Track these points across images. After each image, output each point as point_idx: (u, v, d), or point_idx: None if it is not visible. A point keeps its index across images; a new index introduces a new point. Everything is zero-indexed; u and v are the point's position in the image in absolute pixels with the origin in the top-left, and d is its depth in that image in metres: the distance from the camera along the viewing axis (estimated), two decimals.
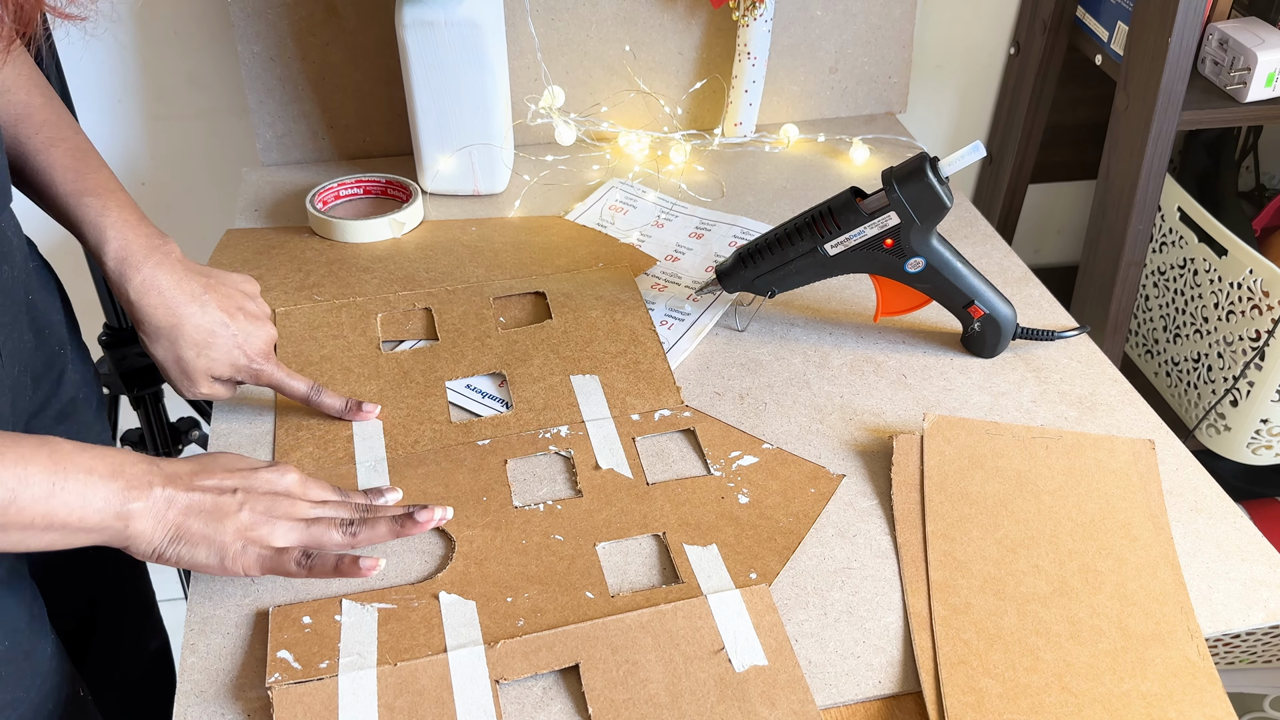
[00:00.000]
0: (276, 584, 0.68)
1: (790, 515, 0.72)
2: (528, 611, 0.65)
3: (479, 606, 0.66)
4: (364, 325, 0.88)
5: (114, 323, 1.12)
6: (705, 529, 0.71)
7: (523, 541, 0.70)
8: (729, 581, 0.67)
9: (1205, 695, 0.61)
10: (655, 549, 0.70)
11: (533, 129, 1.15)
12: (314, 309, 0.89)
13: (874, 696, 0.62)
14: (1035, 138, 1.32)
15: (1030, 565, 0.68)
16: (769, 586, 0.67)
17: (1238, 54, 1.06)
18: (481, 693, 0.60)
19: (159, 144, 1.21)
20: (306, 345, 0.86)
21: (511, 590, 0.67)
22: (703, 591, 0.66)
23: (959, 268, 0.83)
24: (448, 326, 0.88)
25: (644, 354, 0.85)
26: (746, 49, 1.11)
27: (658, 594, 0.67)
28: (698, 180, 1.11)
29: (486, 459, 0.77)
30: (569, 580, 0.67)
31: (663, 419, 0.80)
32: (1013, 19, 1.31)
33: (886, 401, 0.83)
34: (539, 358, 0.85)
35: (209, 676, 0.62)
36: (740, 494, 0.74)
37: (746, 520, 0.72)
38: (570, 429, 0.79)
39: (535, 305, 0.92)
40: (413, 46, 0.96)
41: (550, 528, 0.71)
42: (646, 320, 0.88)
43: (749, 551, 0.70)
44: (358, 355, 0.85)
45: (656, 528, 0.71)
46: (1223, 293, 1.16)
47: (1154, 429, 0.81)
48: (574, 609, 0.65)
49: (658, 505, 0.73)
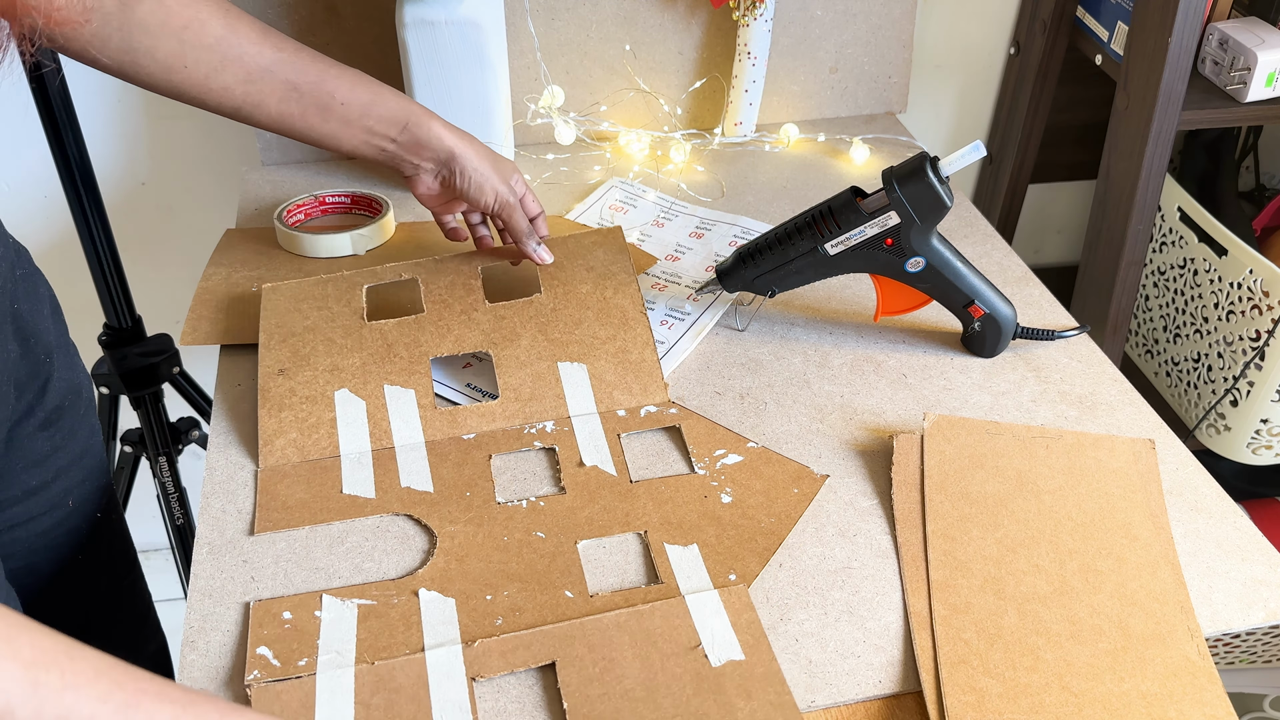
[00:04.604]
0: (277, 582, 0.68)
1: (772, 516, 0.72)
2: (506, 610, 0.65)
3: (458, 604, 0.66)
4: (349, 297, 0.85)
5: (114, 323, 1.12)
6: (687, 528, 0.71)
7: (504, 538, 0.70)
8: (708, 582, 0.67)
9: (1205, 695, 0.61)
10: (637, 547, 0.71)
11: (533, 129, 1.15)
12: (300, 283, 0.87)
13: (874, 696, 0.62)
14: (1035, 138, 1.32)
15: (1030, 565, 0.68)
16: (748, 587, 0.67)
17: (1238, 54, 1.06)
18: (458, 690, 0.61)
19: (159, 144, 1.21)
20: (290, 317, 0.84)
21: (491, 588, 0.67)
22: (681, 592, 0.67)
23: (959, 267, 0.83)
24: (434, 297, 0.85)
25: (633, 341, 0.83)
26: (746, 49, 1.11)
27: (636, 594, 0.67)
28: (698, 180, 1.11)
29: (471, 454, 0.76)
30: (549, 578, 0.68)
31: (649, 415, 0.80)
32: (1013, 19, 1.31)
33: (886, 401, 0.83)
34: (526, 337, 0.83)
35: (208, 674, 0.62)
36: (723, 493, 0.74)
37: (728, 520, 0.72)
38: (556, 424, 0.79)
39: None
40: (413, 46, 0.96)
41: (532, 524, 0.71)
42: (637, 299, 0.85)
43: (729, 552, 0.69)
44: (341, 326, 0.83)
45: (638, 526, 0.72)
46: (1223, 293, 1.16)
47: (1154, 429, 0.81)
48: (552, 608, 0.66)
49: (640, 503, 0.73)
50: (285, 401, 0.78)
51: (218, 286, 0.92)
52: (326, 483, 0.74)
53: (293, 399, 0.78)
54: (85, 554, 0.91)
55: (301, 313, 0.84)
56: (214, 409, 0.82)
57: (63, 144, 1.01)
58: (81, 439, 0.88)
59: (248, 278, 0.94)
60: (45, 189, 1.21)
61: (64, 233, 1.23)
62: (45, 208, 1.22)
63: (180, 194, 1.25)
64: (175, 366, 1.16)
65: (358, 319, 0.84)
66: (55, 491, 0.86)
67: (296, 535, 0.71)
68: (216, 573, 0.69)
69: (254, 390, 0.82)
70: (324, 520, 0.72)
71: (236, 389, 0.83)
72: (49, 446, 0.84)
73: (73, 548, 0.89)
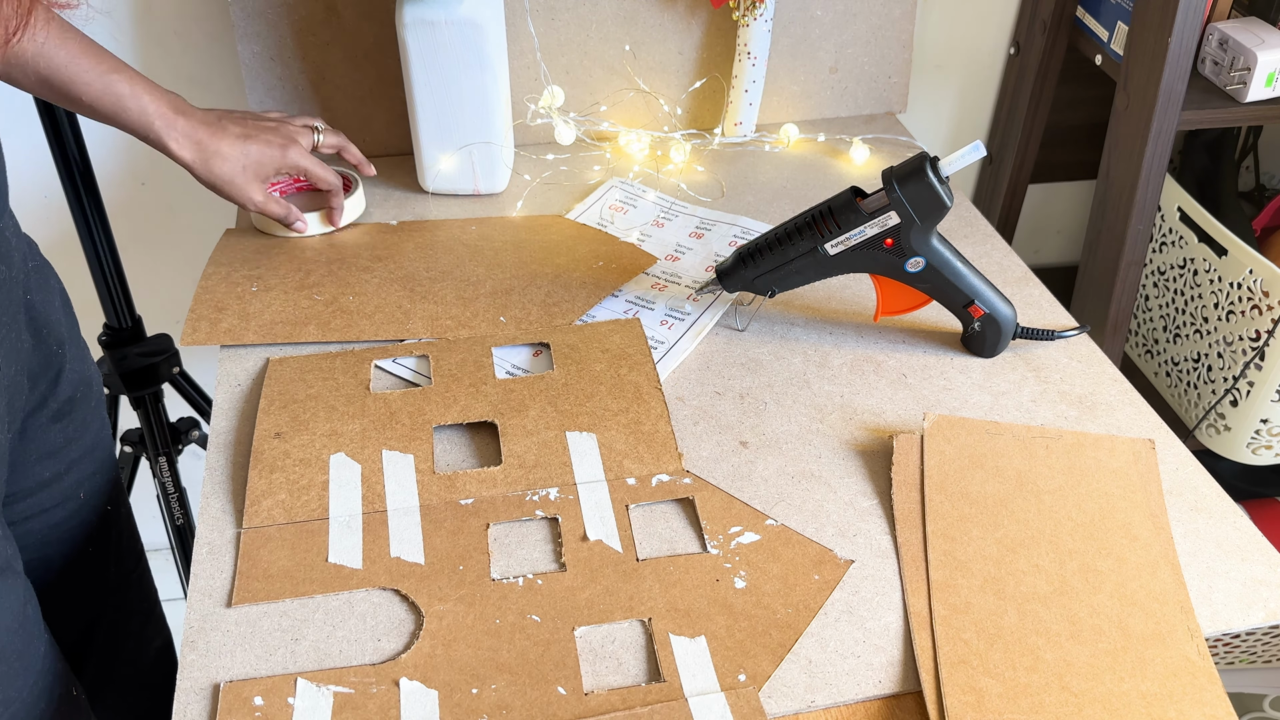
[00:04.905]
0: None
1: (790, 606, 0.66)
2: (493, 707, 0.60)
3: (441, 697, 0.61)
4: (357, 369, 0.84)
5: (114, 323, 1.12)
6: (695, 616, 0.66)
7: (496, 621, 0.65)
8: (715, 683, 0.62)
9: (1205, 695, 0.61)
10: (639, 636, 0.65)
11: (533, 129, 1.15)
12: (309, 357, 0.85)
13: (874, 696, 0.62)
14: (1035, 138, 1.32)
15: (1030, 565, 0.68)
16: (759, 690, 0.62)
17: (1238, 54, 1.06)
18: None
19: None
20: (294, 385, 0.82)
21: (478, 680, 0.62)
22: (685, 694, 0.61)
23: (959, 267, 0.83)
24: (443, 372, 0.84)
25: (646, 414, 0.80)
26: (746, 49, 1.11)
27: (635, 694, 0.61)
28: (698, 180, 1.11)
29: (468, 521, 0.72)
30: (541, 670, 0.63)
31: (660, 485, 0.75)
32: (1013, 19, 1.31)
33: (886, 401, 0.83)
34: (535, 409, 0.80)
35: (209, 675, 0.62)
36: (737, 576, 0.68)
37: (741, 609, 0.66)
38: (560, 491, 0.74)
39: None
40: (413, 46, 0.96)
41: (527, 606, 0.66)
42: (653, 377, 0.83)
43: (740, 647, 0.64)
44: (344, 395, 0.81)
45: (643, 612, 0.66)
46: (1223, 293, 1.16)
47: (1154, 429, 0.81)
48: (543, 708, 0.60)
49: (646, 585, 0.68)
50: (278, 464, 0.75)
51: (218, 286, 0.92)
52: (312, 549, 0.70)
53: (286, 461, 0.75)
54: (96, 546, 0.91)
55: (306, 382, 0.83)
56: (214, 409, 0.82)
57: (63, 144, 1.01)
58: (93, 431, 0.89)
59: (248, 277, 0.94)
60: (45, 189, 1.21)
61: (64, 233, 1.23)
62: (45, 208, 1.22)
63: (180, 194, 1.25)
64: (175, 366, 1.17)
65: (362, 388, 0.82)
66: (68, 484, 0.86)
67: (276, 605, 0.67)
68: (216, 573, 0.69)
69: (256, 390, 0.83)
70: (306, 593, 0.67)
71: (236, 389, 0.83)
72: (62, 439, 0.85)
73: (84, 540, 0.90)
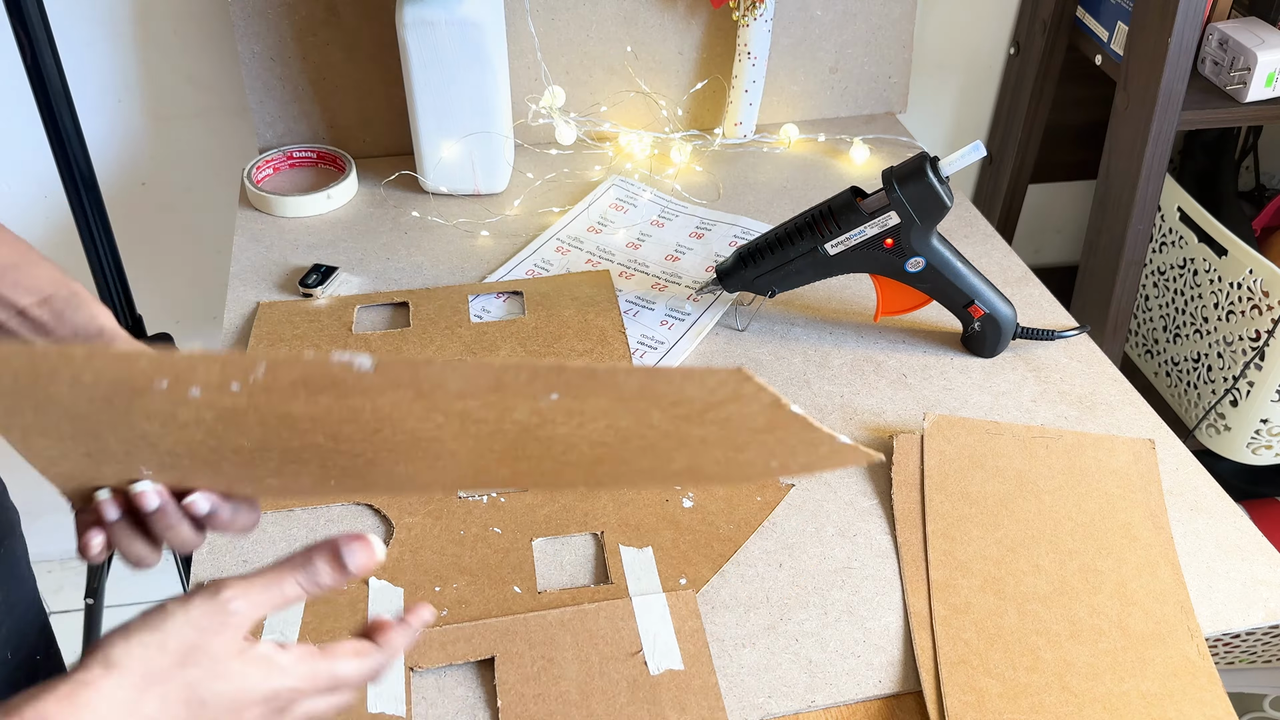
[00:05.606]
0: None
1: (732, 523, 0.72)
2: (453, 602, 0.66)
3: (406, 594, 0.66)
4: (341, 312, 0.91)
5: None
6: (644, 531, 0.71)
7: (460, 532, 0.71)
8: (657, 585, 0.67)
9: (1205, 695, 0.61)
10: (591, 547, 0.71)
11: (533, 129, 1.15)
12: (298, 302, 0.92)
13: (874, 696, 0.62)
14: (1035, 138, 1.32)
15: (1030, 565, 0.68)
16: (696, 593, 0.67)
17: (1238, 54, 1.06)
18: (394, 680, 0.61)
19: (159, 144, 1.21)
20: (282, 326, 0.89)
21: (441, 579, 0.68)
22: (630, 593, 0.67)
23: (959, 267, 0.83)
24: (422, 316, 0.90)
25: (610, 355, 0.86)
26: (746, 49, 1.11)
27: (584, 593, 0.67)
28: (698, 180, 1.11)
29: None
30: (500, 573, 0.68)
31: None
32: (1013, 19, 1.31)
33: (886, 401, 0.83)
34: (505, 349, 0.86)
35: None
36: (685, 497, 0.74)
37: (687, 525, 0.72)
38: None
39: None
40: (413, 46, 0.96)
41: (490, 520, 0.72)
42: (617, 322, 0.89)
43: (684, 557, 0.69)
44: (329, 335, 0.87)
45: (596, 526, 0.72)
46: (1223, 293, 1.16)
47: (1154, 429, 0.81)
48: (499, 603, 0.66)
49: (600, 504, 0.73)
50: None
51: None
52: None
53: None
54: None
55: (293, 324, 0.89)
56: None
57: (63, 144, 1.01)
58: (16, 578, 0.79)
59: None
60: (45, 189, 1.21)
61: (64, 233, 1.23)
62: (45, 208, 1.22)
63: (180, 194, 1.25)
64: None
65: (345, 330, 0.88)
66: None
67: (265, 516, 0.72)
68: (216, 572, 0.69)
69: None
70: (287, 506, 0.73)
71: None
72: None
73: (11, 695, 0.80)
